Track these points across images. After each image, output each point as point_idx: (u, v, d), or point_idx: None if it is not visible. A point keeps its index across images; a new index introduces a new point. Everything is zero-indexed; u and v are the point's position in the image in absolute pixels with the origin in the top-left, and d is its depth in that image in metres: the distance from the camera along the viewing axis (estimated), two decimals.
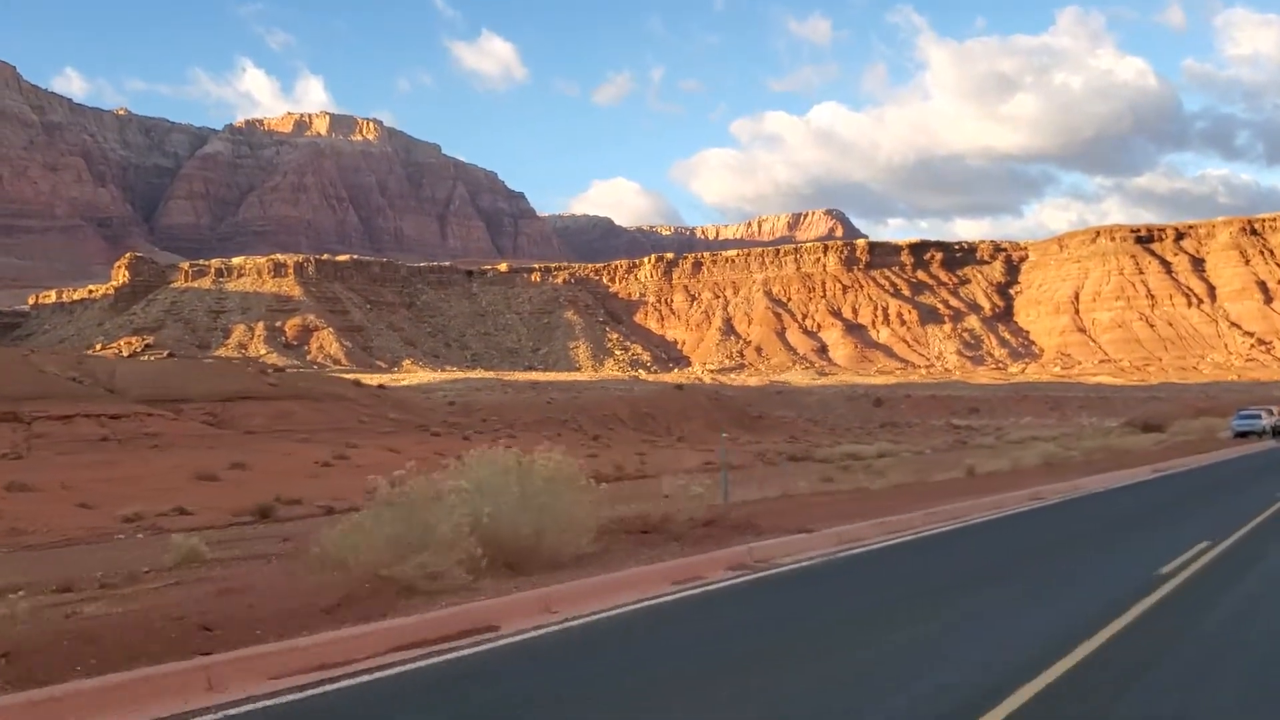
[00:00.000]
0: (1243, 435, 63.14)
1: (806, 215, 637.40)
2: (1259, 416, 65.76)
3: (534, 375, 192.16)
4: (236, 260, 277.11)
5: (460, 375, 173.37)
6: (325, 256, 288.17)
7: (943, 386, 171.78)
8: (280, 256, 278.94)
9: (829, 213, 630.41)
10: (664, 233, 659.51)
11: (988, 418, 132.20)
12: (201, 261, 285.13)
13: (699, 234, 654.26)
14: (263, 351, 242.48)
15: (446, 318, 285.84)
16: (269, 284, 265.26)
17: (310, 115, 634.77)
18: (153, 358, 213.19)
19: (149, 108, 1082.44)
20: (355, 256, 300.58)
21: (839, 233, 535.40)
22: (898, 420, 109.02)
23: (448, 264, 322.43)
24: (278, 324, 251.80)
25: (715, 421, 67.90)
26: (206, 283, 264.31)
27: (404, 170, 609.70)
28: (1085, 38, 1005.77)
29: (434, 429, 60.04)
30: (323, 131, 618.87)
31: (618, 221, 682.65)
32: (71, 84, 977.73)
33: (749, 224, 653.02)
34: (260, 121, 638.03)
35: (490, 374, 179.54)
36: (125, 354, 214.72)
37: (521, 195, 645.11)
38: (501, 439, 58.56)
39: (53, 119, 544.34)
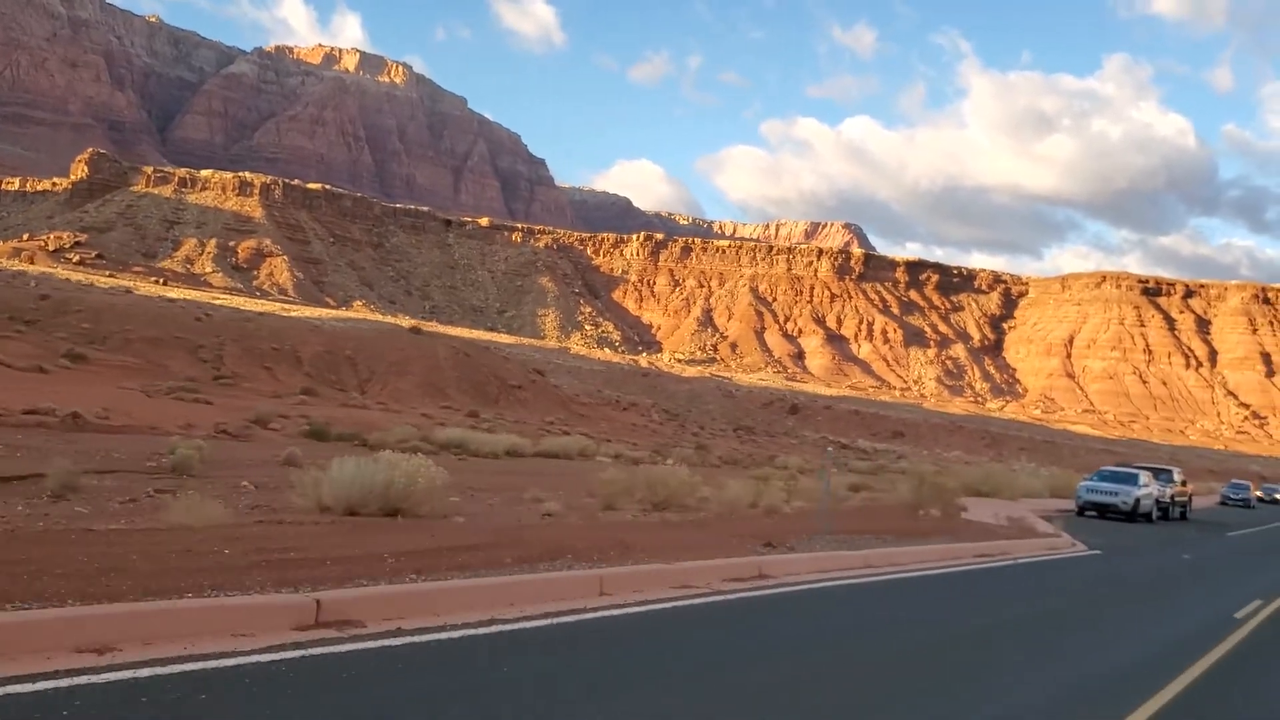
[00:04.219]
0: (1097, 511, 37.82)
1: (825, 226, 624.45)
2: (1133, 481, 38.92)
3: (448, 329, 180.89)
4: (204, 172, 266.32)
5: (348, 314, 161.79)
6: (295, 182, 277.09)
7: (880, 406, 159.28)
8: (248, 175, 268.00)
9: (847, 226, 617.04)
10: (681, 221, 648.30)
11: (911, 444, 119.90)
12: (166, 168, 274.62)
13: (716, 228, 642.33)
14: (208, 270, 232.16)
15: (414, 264, 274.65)
16: (231, 201, 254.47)
17: (341, 50, 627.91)
18: (79, 257, 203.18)
19: (182, 20, 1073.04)
20: (327, 186, 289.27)
21: (854, 247, 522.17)
22: (779, 430, 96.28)
23: (425, 209, 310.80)
24: (231, 244, 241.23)
25: (440, 382, 54.98)
26: (168, 191, 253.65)
27: (426, 119, 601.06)
28: (1130, 87, 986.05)
29: None
30: (351, 68, 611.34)
31: (636, 204, 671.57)
32: None
33: (766, 226, 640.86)
34: (290, 49, 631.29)
35: (402, 320, 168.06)
36: (52, 249, 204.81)
37: (542, 162, 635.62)
38: None
39: (80, 15, 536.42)
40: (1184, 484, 45.70)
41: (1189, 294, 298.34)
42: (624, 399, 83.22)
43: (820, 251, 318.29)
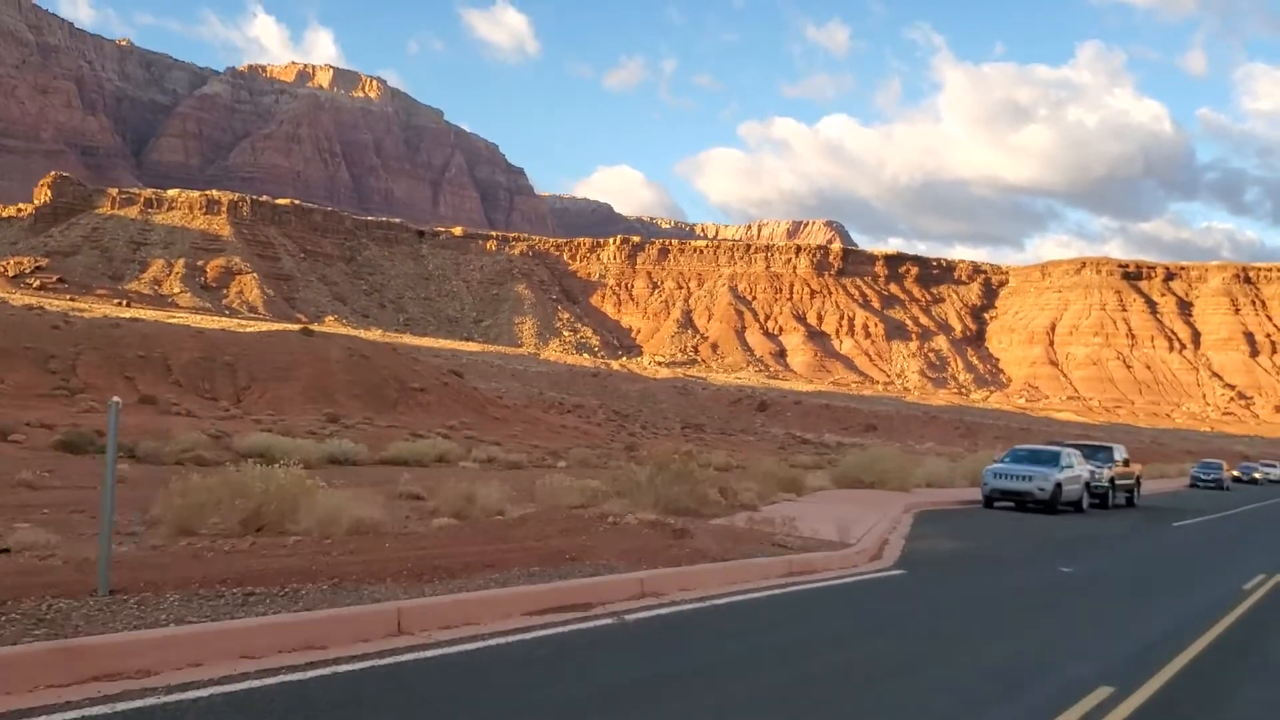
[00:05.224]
0: (1014, 501, 31.43)
1: (807, 224, 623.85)
2: (1053, 462, 32.23)
3: (411, 340, 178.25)
4: (170, 192, 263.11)
5: (242, 322, 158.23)
6: (264, 199, 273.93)
7: (856, 400, 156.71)
8: (215, 193, 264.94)
9: (829, 224, 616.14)
10: (663, 225, 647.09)
11: (884, 436, 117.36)
12: (131, 190, 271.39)
13: (698, 231, 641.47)
14: (177, 290, 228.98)
15: (387, 277, 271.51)
16: (199, 220, 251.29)
17: (314, 67, 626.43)
18: (39, 282, 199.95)
19: (154, 42, 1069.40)
20: (296, 201, 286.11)
21: (836, 245, 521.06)
22: (738, 427, 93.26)
23: (397, 220, 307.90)
24: (199, 263, 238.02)
25: (330, 387, 51.15)
26: (133, 212, 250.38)
27: (402, 133, 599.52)
28: (1104, 74, 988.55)
29: None
30: (325, 84, 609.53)
31: (618, 209, 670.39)
32: (79, 11, 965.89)
33: (748, 227, 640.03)
34: (263, 68, 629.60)
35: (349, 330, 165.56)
36: (12, 275, 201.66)
37: (521, 171, 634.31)
38: None
39: (50, 41, 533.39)
40: (1127, 463, 39.01)
41: (1170, 277, 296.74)
42: (568, 401, 79.95)
43: (799, 249, 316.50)
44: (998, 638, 11.88)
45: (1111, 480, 36.39)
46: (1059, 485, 31.37)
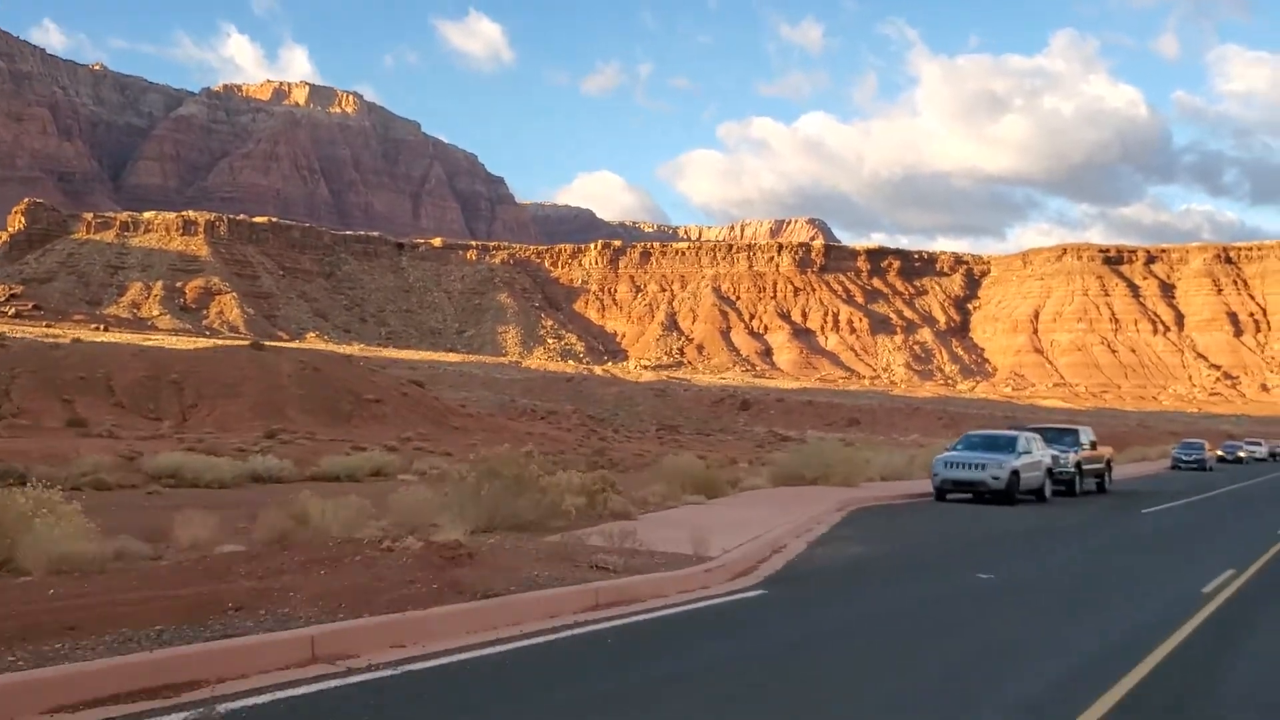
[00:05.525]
0: (971, 492, 29.39)
1: (789, 223, 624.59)
2: (1009, 447, 30.04)
3: (388, 352, 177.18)
4: (146, 214, 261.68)
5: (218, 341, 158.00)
6: (241, 217, 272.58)
7: (841, 395, 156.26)
8: (191, 214, 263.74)
9: (811, 221, 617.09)
10: (646, 229, 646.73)
11: (867, 431, 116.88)
12: (107, 214, 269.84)
13: (681, 234, 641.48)
14: (156, 313, 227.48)
15: (367, 291, 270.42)
16: (176, 242, 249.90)
17: (289, 84, 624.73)
18: (15, 310, 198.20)
19: (128, 66, 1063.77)
20: (274, 219, 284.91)
21: (818, 242, 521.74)
22: (715, 427, 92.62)
23: (375, 234, 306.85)
24: (178, 284, 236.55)
25: (280, 401, 50.12)
26: (110, 236, 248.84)
27: (380, 146, 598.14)
28: (1078, 62, 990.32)
29: None
30: (301, 101, 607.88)
31: (600, 215, 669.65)
32: (50, 36, 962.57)
33: (731, 227, 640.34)
34: (239, 87, 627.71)
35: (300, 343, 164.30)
36: None
37: (501, 180, 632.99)
38: None
39: (22, 68, 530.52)
40: (1095, 446, 36.65)
41: (1151, 260, 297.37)
42: (540, 407, 79.22)
43: (781, 247, 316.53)
44: (821, 703, 8.05)
45: (1078, 465, 34.14)
46: (1015, 473, 29.17)
